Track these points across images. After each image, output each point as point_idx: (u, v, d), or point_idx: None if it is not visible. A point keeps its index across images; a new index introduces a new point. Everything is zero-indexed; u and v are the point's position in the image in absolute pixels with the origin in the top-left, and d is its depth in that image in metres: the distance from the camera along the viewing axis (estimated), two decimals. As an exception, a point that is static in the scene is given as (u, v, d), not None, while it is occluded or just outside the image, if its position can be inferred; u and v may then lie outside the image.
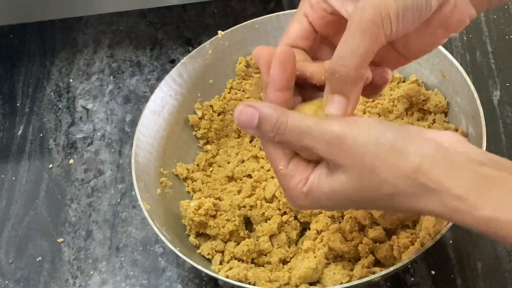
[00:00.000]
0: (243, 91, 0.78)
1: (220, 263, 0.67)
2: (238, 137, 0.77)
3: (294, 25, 0.56)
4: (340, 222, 0.67)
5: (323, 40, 0.57)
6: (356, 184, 0.49)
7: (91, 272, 0.73)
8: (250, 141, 0.76)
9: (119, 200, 0.77)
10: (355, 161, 0.48)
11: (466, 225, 0.48)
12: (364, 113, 0.73)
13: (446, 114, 0.73)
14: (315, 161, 0.52)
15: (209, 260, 0.68)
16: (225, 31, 0.77)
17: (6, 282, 0.73)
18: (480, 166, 0.48)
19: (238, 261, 0.67)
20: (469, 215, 0.47)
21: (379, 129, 0.49)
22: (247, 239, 0.67)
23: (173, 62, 0.87)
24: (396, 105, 0.73)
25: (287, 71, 0.51)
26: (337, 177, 0.49)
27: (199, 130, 0.77)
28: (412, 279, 0.68)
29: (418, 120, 0.73)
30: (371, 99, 0.74)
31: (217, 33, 0.77)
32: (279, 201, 0.68)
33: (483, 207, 0.47)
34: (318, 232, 0.67)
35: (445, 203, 0.48)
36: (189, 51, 0.81)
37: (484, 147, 0.64)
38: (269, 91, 0.52)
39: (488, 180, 0.47)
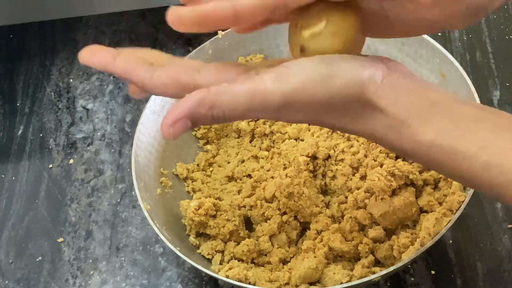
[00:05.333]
0: (243, 91, 0.78)
1: (220, 263, 0.67)
2: (238, 137, 0.77)
3: None
4: (340, 222, 0.68)
5: None
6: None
7: (91, 272, 0.73)
8: (250, 141, 0.76)
9: (119, 200, 0.77)
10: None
11: (407, 150, 0.47)
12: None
13: (446, 114, 0.73)
14: None
15: (209, 260, 0.68)
16: (225, 31, 0.77)
17: (6, 282, 0.73)
18: (426, 90, 0.47)
19: (238, 261, 0.67)
20: (410, 139, 0.46)
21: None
22: (247, 239, 0.67)
23: (173, 62, 0.87)
24: (396, 105, 0.73)
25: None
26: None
27: (199, 130, 0.77)
28: (412, 279, 0.68)
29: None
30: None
31: (217, 33, 0.77)
32: (279, 201, 0.68)
33: (425, 132, 0.45)
34: (318, 232, 0.67)
35: (387, 125, 0.46)
36: (189, 51, 0.81)
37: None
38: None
39: (433, 105, 0.46)
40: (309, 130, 0.74)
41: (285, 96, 0.46)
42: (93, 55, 0.49)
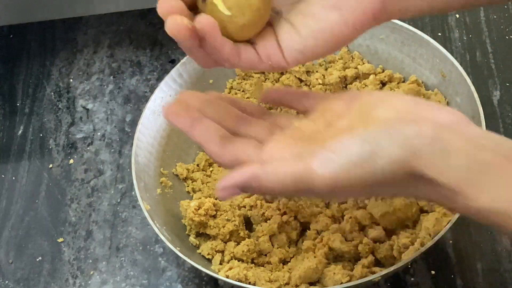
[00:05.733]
0: (243, 91, 0.78)
1: (220, 263, 0.67)
2: (238, 137, 0.77)
3: None
4: (340, 222, 0.68)
5: None
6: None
7: (91, 272, 0.73)
8: (250, 141, 0.76)
9: (119, 200, 0.77)
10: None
11: (464, 214, 0.46)
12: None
13: (446, 114, 0.72)
14: None
15: (209, 260, 0.68)
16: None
17: (6, 282, 0.73)
18: (478, 151, 0.45)
19: (238, 261, 0.67)
20: (465, 206, 0.45)
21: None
22: (247, 239, 0.67)
23: (173, 62, 0.87)
24: (396, 105, 0.73)
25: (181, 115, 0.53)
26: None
27: (199, 130, 0.76)
28: (412, 279, 0.68)
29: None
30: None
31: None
32: (279, 201, 0.68)
33: (478, 198, 0.44)
34: (318, 232, 0.67)
35: (440, 193, 0.45)
36: (189, 51, 0.80)
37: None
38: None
39: (485, 168, 0.44)
40: (309, 130, 0.74)
41: (328, 183, 0.47)
42: (177, 117, 0.53)
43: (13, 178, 0.81)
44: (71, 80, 0.88)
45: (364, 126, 0.47)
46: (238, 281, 0.63)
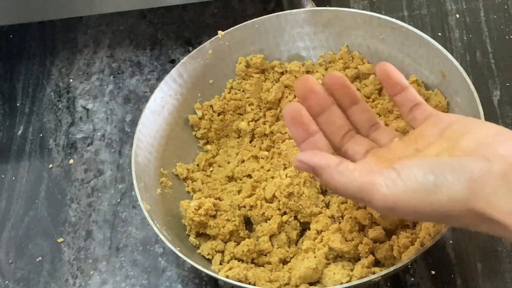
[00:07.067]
0: (243, 91, 0.78)
1: (220, 263, 0.67)
2: (238, 137, 0.77)
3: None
4: (340, 222, 0.68)
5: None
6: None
7: (91, 272, 0.73)
8: (250, 141, 0.76)
9: (119, 200, 0.77)
10: None
11: None
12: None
13: (446, 114, 0.73)
14: None
15: (209, 260, 0.68)
16: (225, 31, 0.77)
17: (6, 282, 0.73)
18: None
19: (238, 261, 0.67)
20: None
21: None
22: (247, 239, 0.67)
23: (173, 62, 0.87)
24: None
25: (299, 125, 0.57)
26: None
27: (199, 130, 0.77)
28: (412, 279, 0.68)
29: (418, 120, 0.72)
30: (370, 99, 0.74)
31: (217, 33, 0.77)
32: (279, 201, 0.68)
33: None
34: (318, 232, 0.67)
35: (504, 232, 0.45)
36: (189, 51, 0.81)
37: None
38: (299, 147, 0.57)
39: None
40: (309, 130, 0.74)
41: (386, 202, 0.49)
42: (294, 125, 0.57)
43: (13, 178, 0.81)
44: (71, 80, 0.88)
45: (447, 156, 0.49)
46: (238, 281, 0.63)
